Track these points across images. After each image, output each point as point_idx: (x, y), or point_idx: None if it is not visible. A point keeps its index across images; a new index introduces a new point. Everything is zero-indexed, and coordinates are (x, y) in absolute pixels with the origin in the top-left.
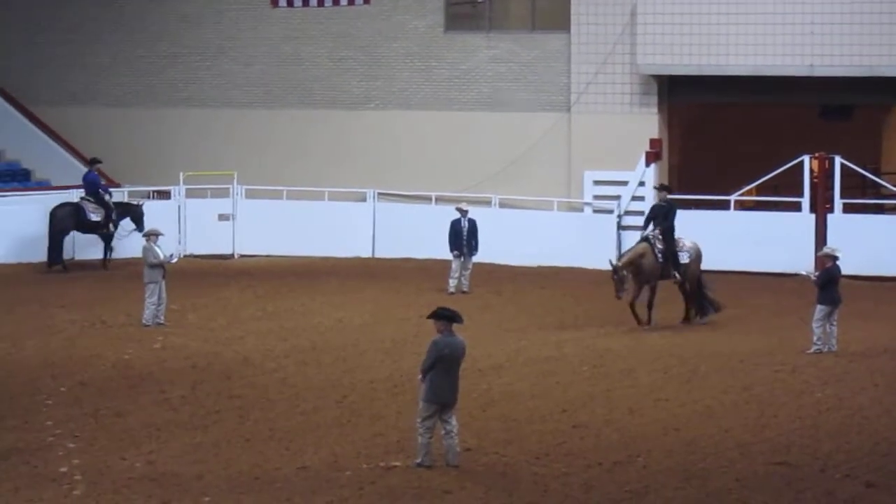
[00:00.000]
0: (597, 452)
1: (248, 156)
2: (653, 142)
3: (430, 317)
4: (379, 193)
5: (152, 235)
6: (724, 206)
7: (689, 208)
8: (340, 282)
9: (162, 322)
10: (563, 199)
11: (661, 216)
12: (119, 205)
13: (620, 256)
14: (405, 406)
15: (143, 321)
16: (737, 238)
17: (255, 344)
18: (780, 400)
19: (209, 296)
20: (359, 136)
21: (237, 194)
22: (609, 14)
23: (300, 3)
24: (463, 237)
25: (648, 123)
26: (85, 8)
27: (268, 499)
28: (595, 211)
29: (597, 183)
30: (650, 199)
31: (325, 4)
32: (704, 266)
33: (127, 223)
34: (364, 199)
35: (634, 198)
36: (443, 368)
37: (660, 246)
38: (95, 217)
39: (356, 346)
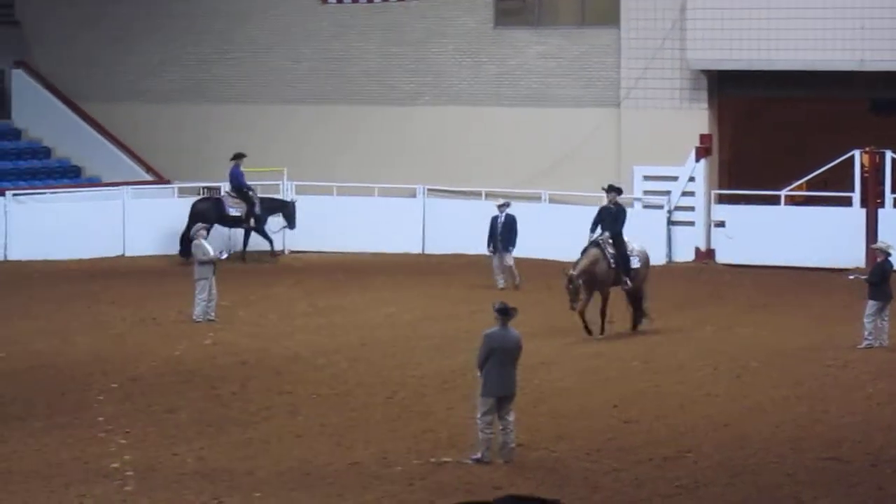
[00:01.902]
0: (647, 448)
1: (297, 152)
2: (703, 137)
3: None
4: (428, 189)
5: (201, 231)
6: (774, 201)
7: (740, 203)
8: (390, 278)
9: (212, 318)
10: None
11: (611, 220)
12: (270, 200)
13: (575, 264)
14: (455, 402)
15: (194, 317)
16: (787, 233)
17: (306, 340)
18: (830, 395)
19: (259, 292)
20: (408, 132)
21: (287, 190)
22: (659, 9)
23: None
24: (497, 233)
25: (698, 118)
26: (135, 5)
27: (318, 494)
28: (645, 206)
29: (646, 178)
30: (700, 194)
31: (374, 0)
32: (754, 261)
33: (278, 219)
34: (414, 195)
35: (684, 193)
36: (497, 362)
37: (611, 251)
38: (235, 212)
39: (406, 343)
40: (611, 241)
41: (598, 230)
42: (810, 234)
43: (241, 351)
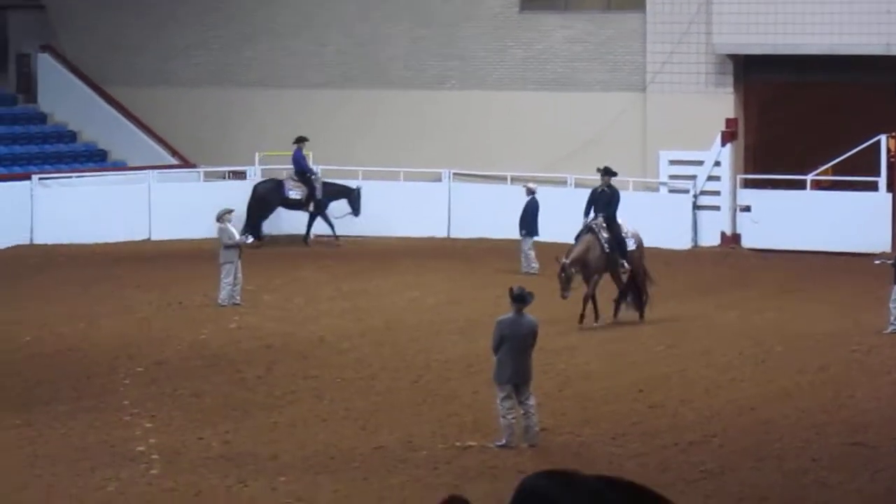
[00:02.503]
0: (672, 432)
1: (323, 136)
2: (728, 121)
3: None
4: (454, 173)
5: (226, 215)
6: (800, 185)
7: (766, 188)
8: (415, 262)
9: (238, 302)
10: (638, 179)
11: (603, 203)
12: (334, 186)
13: (568, 252)
14: (480, 386)
15: (219, 301)
16: (813, 218)
17: (331, 324)
18: (856, 380)
19: (285, 276)
20: (434, 117)
21: (314, 174)
22: None
23: None
24: (524, 217)
25: (724, 103)
26: None
27: (343, 478)
28: (670, 191)
29: (672, 163)
30: (726, 178)
31: None
32: (780, 246)
33: (342, 205)
34: (439, 179)
35: (710, 177)
36: (509, 348)
37: (605, 235)
38: (295, 195)
39: (431, 326)
40: (605, 224)
41: (591, 214)
42: (836, 219)
43: (267, 335)
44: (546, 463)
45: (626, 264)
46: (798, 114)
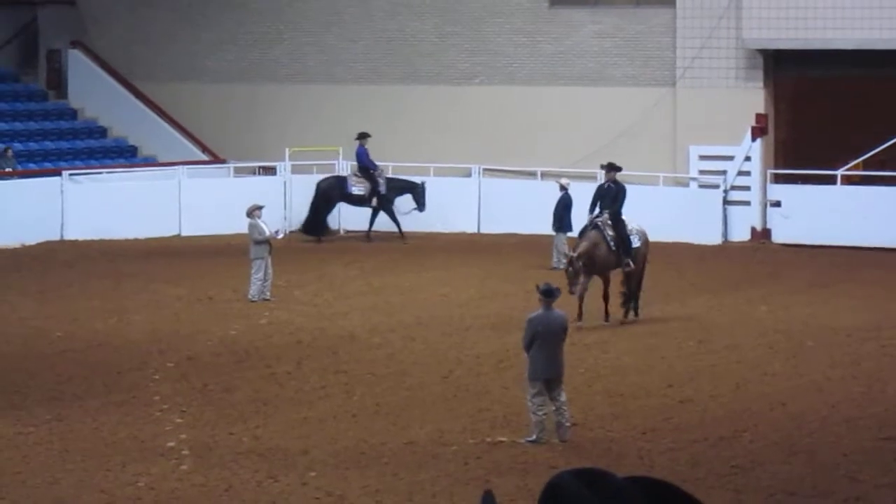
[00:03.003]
0: (703, 427)
1: (353, 131)
2: (758, 116)
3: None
4: (484, 169)
5: (256, 210)
6: (830, 180)
7: (796, 183)
8: (445, 257)
9: (268, 297)
10: (668, 174)
11: (609, 199)
12: (399, 181)
13: (575, 247)
14: (511, 381)
15: (250, 297)
16: (844, 213)
17: (361, 319)
18: (887, 375)
19: (315, 271)
20: (464, 112)
21: (343, 170)
22: None
23: None
24: (556, 212)
25: (754, 98)
26: None
27: (374, 473)
28: (700, 186)
29: (702, 157)
30: (756, 174)
31: None
32: (810, 241)
33: (408, 200)
34: (469, 175)
35: (740, 172)
36: (541, 344)
37: (610, 232)
38: (357, 190)
39: (461, 322)
40: (610, 222)
41: (597, 210)
42: (867, 214)
43: (297, 330)
44: (576, 458)
45: (630, 263)
46: (828, 108)
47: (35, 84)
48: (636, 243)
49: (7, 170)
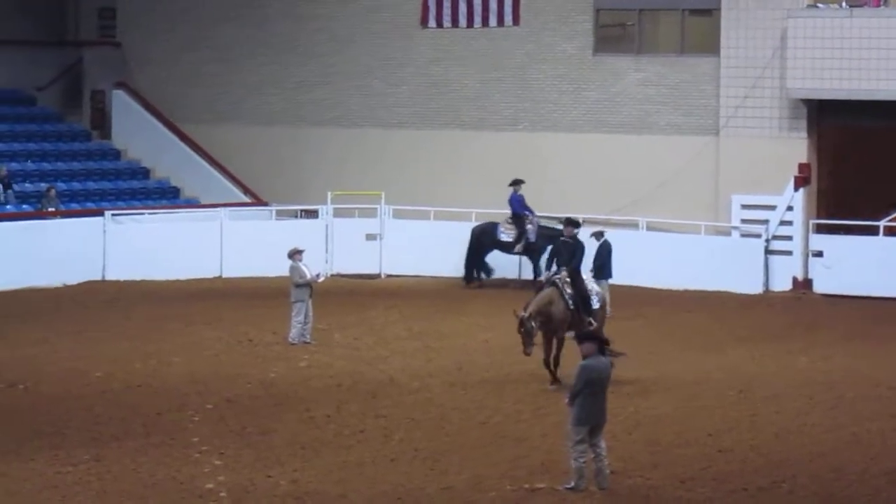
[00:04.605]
0: (742, 477)
1: (395, 176)
2: (801, 166)
3: (576, 339)
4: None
5: (297, 254)
6: (873, 231)
7: (839, 233)
8: (487, 302)
9: (308, 341)
10: (710, 223)
11: (567, 255)
12: (550, 230)
13: (527, 305)
14: (550, 428)
15: (290, 340)
16: (886, 263)
17: (401, 364)
18: None
19: (355, 315)
20: (507, 158)
21: (384, 214)
22: (759, 38)
23: (449, 24)
24: (597, 260)
25: (797, 147)
26: (237, 27)
27: None
28: (742, 235)
29: (744, 207)
30: (798, 223)
31: (474, 25)
32: (852, 292)
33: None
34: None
35: (782, 222)
36: (591, 391)
37: (568, 290)
38: (506, 237)
39: (501, 368)
40: (568, 279)
41: (554, 267)
42: None
43: (336, 374)
44: None
45: (593, 322)
46: (871, 159)
47: (79, 124)
48: (595, 304)
49: (50, 209)
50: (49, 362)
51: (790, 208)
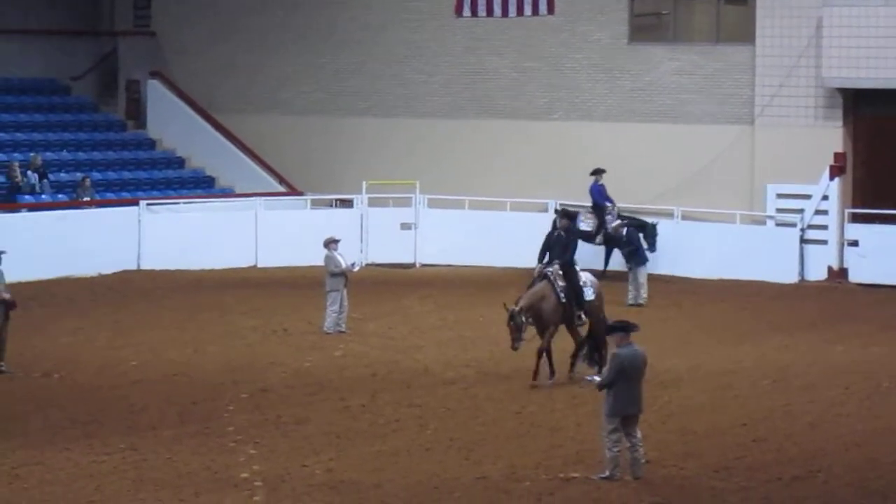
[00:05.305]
0: (776, 467)
1: (430, 165)
2: (837, 155)
3: (606, 332)
4: (560, 204)
5: (332, 243)
6: None
7: (874, 222)
8: (521, 292)
9: (343, 330)
10: (745, 212)
11: (560, 248)
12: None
13: (518, 299)
14: (584, 417)
15: (325, 329)
16: None
17: (436, 353)
18: None
19: (390, 304)
20: (541, 147)
21: (419, 203)
22: (794, 27)
23: (484, 12)
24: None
25: (833, 137)
26: (271, 17)
27: None
28: (778, 224)
29: (780, 196)
30: (834, 213)
31: (509, 14)
32: (888, 281)
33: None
34: (545, 210)
35: (818, 212)
36: (625, 380)
37: (561, 283)
38: (586, 227)
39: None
40: (561, 272)
41: (546, 259)
42: None
43: (371, 363)
44: (649, 495)
45: (583, 316)
46: None
47: (114, 114)
48: (590, 296)
49: (85, 199)
50: (84, 351)
51: (825, 197)
